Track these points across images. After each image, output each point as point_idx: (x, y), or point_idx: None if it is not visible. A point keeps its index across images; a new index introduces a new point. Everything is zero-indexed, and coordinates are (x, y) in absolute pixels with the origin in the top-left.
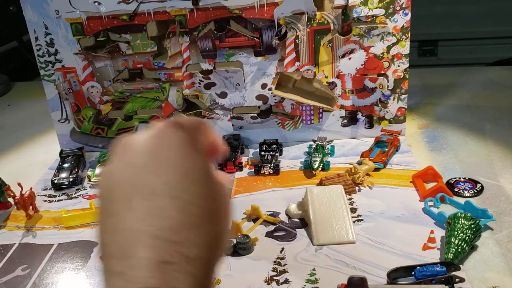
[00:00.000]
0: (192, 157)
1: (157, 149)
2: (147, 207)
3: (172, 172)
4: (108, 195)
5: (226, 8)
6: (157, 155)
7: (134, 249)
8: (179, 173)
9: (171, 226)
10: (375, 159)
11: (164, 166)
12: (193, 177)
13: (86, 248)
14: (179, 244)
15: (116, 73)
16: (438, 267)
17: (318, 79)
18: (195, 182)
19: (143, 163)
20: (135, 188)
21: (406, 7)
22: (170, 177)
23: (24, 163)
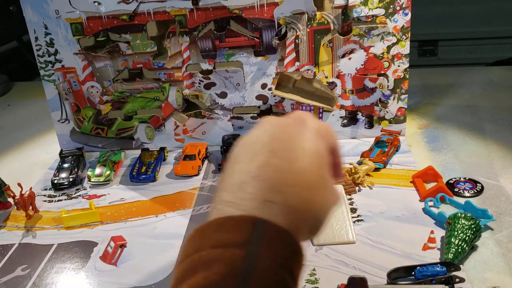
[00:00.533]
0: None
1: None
2: (266, 162)
3: (297, 145)
4: (239, 149)
5: (226, 8)
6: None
7: (246, 187)
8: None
9: (280, 178)
10: (375, 159)
11: (295, 139)
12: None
13: (86, 248)
14: (283, 193)
15: (116, 73)
16: (438, 267)
17: (318, 79)
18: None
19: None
20: (264, 147)
21: (406, 7)
22: (294, 148)
23: (24, 163)
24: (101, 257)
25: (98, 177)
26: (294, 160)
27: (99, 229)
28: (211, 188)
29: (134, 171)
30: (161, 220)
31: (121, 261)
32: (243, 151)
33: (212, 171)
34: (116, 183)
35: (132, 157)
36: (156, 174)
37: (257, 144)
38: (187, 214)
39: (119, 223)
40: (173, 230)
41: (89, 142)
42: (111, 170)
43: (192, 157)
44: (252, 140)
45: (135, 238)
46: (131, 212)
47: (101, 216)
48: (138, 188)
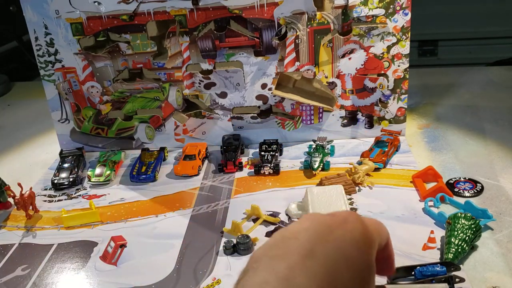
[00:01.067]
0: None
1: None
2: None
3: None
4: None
5: (226, 8)
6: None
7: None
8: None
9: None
10: (375, 159)
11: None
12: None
13: (86, 248)
14: None
15: (116, 73)
16: (438, 267)
17: (318, 79)
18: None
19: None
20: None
21: (406, 7)
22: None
23: (24, 163)
24: (101, 257)
25: (98, 177)
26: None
27: (99, 229)
28: (211, 188)
29: (134, 171)
30: (161, 220)
31: (121, 261)
32: (275, 244)
33: (212, 171)
34: (116, 183)
35: (132, 157)
36: (156, 174)
37: (294, 241)
38: (187, 214)
39: (119, 223)
40: (173, 230)
41: (89, 142)
42: (111, 170)
43: (192, 157)
44: (288, 235)
45: (135, 238)
46: (131, 212)
47: (101, 216)
48: (138, 188)
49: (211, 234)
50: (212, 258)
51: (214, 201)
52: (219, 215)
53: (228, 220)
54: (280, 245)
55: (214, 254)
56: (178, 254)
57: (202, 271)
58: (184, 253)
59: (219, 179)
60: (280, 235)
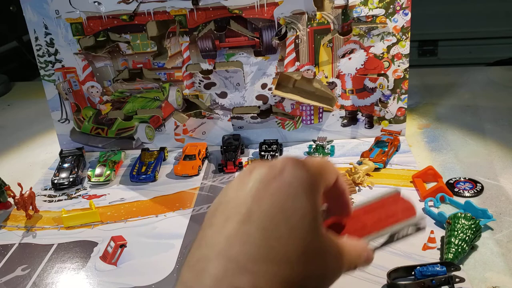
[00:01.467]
0: (300, 200)
1: (269, 180)
2: (236, 229)
3: (273, 205)
4: (215, 207)
5: (226, 8)
6: (267, 185)
7: (208, 265)
8: (279, 208)
9: (249, 253)
10: (375, 159)
11: (268, 197)
12: (290, 218)
13: (86, 248)
14: (253, 274)
15: (116, 73)
16: (438, 267)
17: (318, 79)
18: (290, 223)
19: (252, 189)
20: (235, 208)
21: (406, 7)
22: (269, 209)
23: (24, 163)
24: (101, 257)
25: (98, 177)
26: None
27: (99, 229)
28: (211, 188)
29: (134, 171)
30: (161, 220)
31: (121, 261)
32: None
33: (212, 171)
34: (116, 183)
35: (132, 157)
36: (156, 174)
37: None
38: (187, 214)
39: (119, 223)
40: (173, 230)
41: (89, 142)
42: (111, 170)
43: (192, 157)
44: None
45: (135, 238)
46: (131, 212)
47: (101, 216)
48: (138, 188)
49: None
50: None
51: None
52: None
53: None
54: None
55: None
56: (178, 254)
57: None
58: (184, 253)
59: (219, 179)
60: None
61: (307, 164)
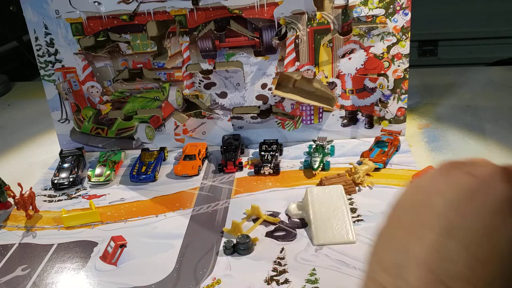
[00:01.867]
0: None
1: (474, 191)
2: (436, 242)
3: (476, 222)
4: (414, 210)
5: (226, 8)
6: (472, 198)
7: (406, 273)
8: (482, 228)
9: (450, 271)
10: (375, 159)
11: (471, 212)
12: (498, 239)
13: (86, 248)
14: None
15: (116, 73)
16: None
17: (318, 79)
18: (495, 245)
19: (453, 199)
20: (435, 218)
21: (406, 7)
22: (472, 225)
23: (24, 163)
24: (101, 257)
25: (98, 177)
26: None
27: (99, 229)
28: (211, 188)
29: (134, 171)
30: (161, 220)
31: (121, 261)
32: (409, 211)
33: (212, 171)
34: (116, 183)
35: (132, 157)
36: (156, 174)
37: (428, 210)
38: (187, 214)
39: (119, 223)
40: (173, 230)
41: (89, 142)
42: (111, 170)
43: (192, 157)
44: (423, 200)
45: (135, 238)
46: (131, 212)
47: (101, 216)
48: (138, 188)
49: (211, 234)
50: (212, 258)
51: (214, 201)
52: (219, 215)
53: (228, 220)
54: (412, 214)
55: (214, 254)
56: (178, 254)
57: (202, 271)
58: (184, 253)
59: (219, 179)
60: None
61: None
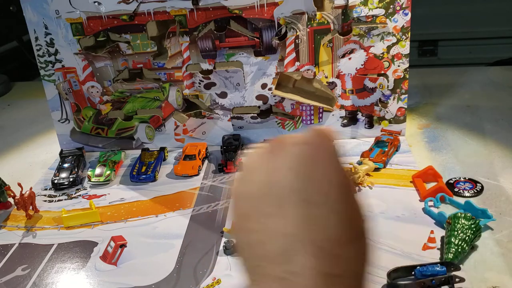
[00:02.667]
0: (343, 170)
1: (315, 157)
2: (305, 216)
3: (329, 183)
4: (260, 194)
5: (226, 8)
6: (316, 164)
7: (293, 255)
8: (336, 186)
9: (332, 238)
10: (375, 159)
11: (323, 176)
12: (346, 191)
13: (86, 248)
14: (341, 257)
15: (116, 73)
16: (438, 267)
17: (318, 79)
18: (348, 196)
19: (302, 170)
20: (292, 193)
21: (406, 7)
22: (328, 188)
23: (24, 163)
24: (101, 257)
25: (98, 177)
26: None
27: (99, 229)
28: (211, 188)
29: (134, 171)
30: (161, 220)
31: (121, 261)
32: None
33: (212, 171)
34: (116, 183)
35: (132, 157)
36: (156, 174)
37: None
38: (187, 214)
39: (119, 223)
40: (173, 230)
41: (89, 142)
42: (111, 170)
43: (192, 157)
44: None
45: (135, 238)
46: (131, 212)
47: (101, 216)
48: (138, 188)
49: (211, 234)
50: (212, 258)
51: (214, 201)
52: (219, 215)
53: (228, 220)
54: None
55: (214, 254)
56: (178, 254)
57: (202, 271)
58: (184, 253)
59: (219, 179)
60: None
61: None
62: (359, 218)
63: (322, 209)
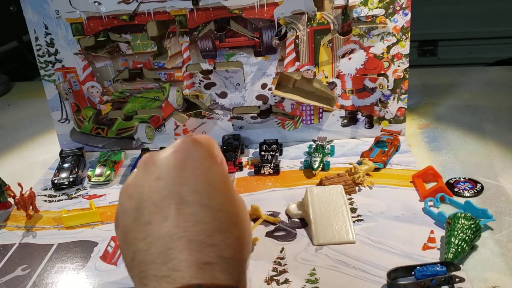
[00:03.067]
0: (213, 168)
1: (181, 162)
2: (180, 215)
3: (198, 182)
4: (138, 206)
5: (226, 8)
6: (182, 167)
7: (174, 253)
8: (204, 183)
9: (205, 230)
10: (375, 159)
11: (190, 177)
12: (216, 185)
13: (86, 248)
14: (214, 246)
15: (116, 73)
16: (438, 267)
17: (318, 79)
18: (219, 190)
19: (170, 176)
20: (166, 198)
21: (406, 7)
22: (197, 186)
23: (24, 163)
24: (101, 257)
25: (98, 177)
26: (207, 199)
27: (99, 229)
28: None
29: None
30: None
31: (121, 261)
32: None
33: None
34: (117, 183)
35: (132, 157)
36: None
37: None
38: None
39: None
40: None
41: (89, 142)
42: (112, 170)
43: None
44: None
45: None
46: None
47: (101, 216)
48: None
49: None
50: None
51: None
52: None
53: None
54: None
55: None
56: None
57: None
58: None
59: None
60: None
61: (200, 140)
62: (231, 209)
63: (194, 206)
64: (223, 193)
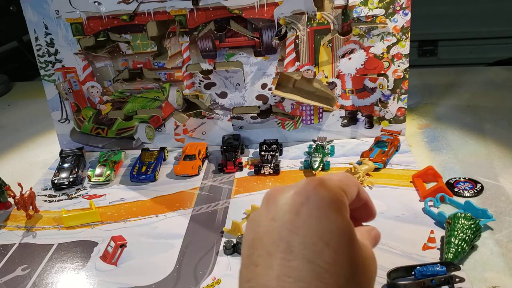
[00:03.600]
0: (332, 219)
1: (298, 206)
2: (284, 267)
3: (309, 233)
4: (251, 243)
5: (226, 8)
6: (297, 213)
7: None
8: (315, 236)
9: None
10: (375, 159)
11: (302, 225)
12: (329, 241)
13: (86, 248)
14: None
15: (116, 73)
16: (438, 267)
17: (318, 79)
18: (331, 247)
19: (284, 220)
20: (275, 243)
21: (406, 7)
22: (307, 238)
23: (24, 163)
24: (101, 257)
25: (98, 177)
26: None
27: (99, 229)
28: (211, 188)
29: (134, 171)
30: (161, 220)
31: (121, 261)
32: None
33: (212, 171)
34: (116, 183)
35: (132, 157)
36: (156, 174)
37: (267, 238)
38: (187, 214)
39: (119, 223)
40: (173, 230)
41: (89, 142)
42: (111, 170)
43: (192, 157)
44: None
45: (135, 238)
46: (131, 212)
47: (101, 216)
48: (138, 188)
49: (211, 234)
50: (212, 258)
51: (214, 201)
52: (219, 215)
53: (228, 220)
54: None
55: (214, 254)
56: (178, 254)
57: (202, 271)
58: (184, 253)
59: (219, 179)
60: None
61: (328, 184)
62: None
63: (299, 260)
64: (335, 251)
